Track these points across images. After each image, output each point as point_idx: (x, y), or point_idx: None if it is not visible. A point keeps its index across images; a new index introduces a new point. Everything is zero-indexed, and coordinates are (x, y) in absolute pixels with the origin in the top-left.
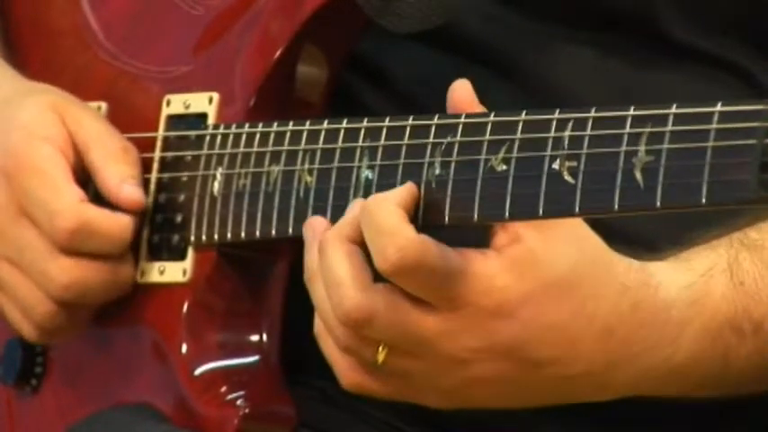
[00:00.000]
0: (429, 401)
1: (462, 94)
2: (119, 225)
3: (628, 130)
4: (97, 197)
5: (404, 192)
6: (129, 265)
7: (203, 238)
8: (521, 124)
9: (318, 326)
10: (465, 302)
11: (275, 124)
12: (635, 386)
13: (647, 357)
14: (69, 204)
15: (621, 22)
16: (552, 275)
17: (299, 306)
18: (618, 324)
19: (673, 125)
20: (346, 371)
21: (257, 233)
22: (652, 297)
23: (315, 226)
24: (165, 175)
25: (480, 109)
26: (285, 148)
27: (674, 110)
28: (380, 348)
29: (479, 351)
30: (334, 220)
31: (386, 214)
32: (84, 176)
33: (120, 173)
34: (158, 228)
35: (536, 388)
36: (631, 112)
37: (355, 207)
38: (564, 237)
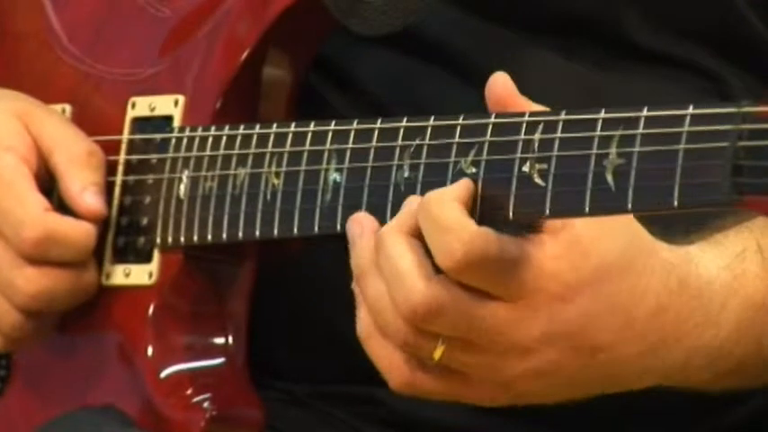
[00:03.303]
0: (482, 397)
1: (502, 88)
2: (82, 232)
3: (599, 132)
4: (63, 201)
5: (460, 188)
6: (92, 270)
7: (169, 240)
8: (490, 127)
9: (368, 326)
10: (531, 289)
11: (242, 127)
12: (682, 367)
13: (696, 334)
14: (34, 214)
15: (585, 25)
16: (607, 258)
17: (266, 308)
18: (669, 301)
19: (644, 128)
20: (399, 369)
21: (224, 236)
22: (695, 273)
23: (363, 222)
24: (131, 178)
25: (523, 102)
26: (252, 150)
27: (645, 112)
28: (438, 344)
29: (541, 339)
30: (301, 222)
31: (446, 209)
32: (49, 181)
33: (81, 180)
34: (124, 230)
35: (587, 376)
36: (602, 114)
37: (412, 204)
38: (610, 220)
